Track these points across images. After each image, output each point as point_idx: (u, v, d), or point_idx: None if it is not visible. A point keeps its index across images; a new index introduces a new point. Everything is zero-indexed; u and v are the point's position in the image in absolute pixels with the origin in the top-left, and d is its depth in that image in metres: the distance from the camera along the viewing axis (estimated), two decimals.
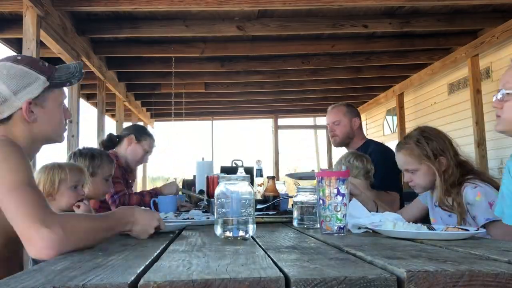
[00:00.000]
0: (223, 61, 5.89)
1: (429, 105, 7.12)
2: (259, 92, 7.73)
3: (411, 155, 1.99)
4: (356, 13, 4.61)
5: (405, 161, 2.02)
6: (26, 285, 0.72)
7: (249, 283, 0.71)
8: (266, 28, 4.65)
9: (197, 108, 8.89)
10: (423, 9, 4.57)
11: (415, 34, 5.28)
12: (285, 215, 2.06)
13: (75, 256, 1.01)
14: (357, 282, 0.72)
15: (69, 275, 0.78)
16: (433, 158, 1.94)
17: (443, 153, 1.95)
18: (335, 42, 5.31)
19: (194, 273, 0.77)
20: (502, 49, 5.24)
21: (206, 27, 4.66)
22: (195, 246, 1.18)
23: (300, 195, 1.68)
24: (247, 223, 1.27)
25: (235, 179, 1.29)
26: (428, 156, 1.95)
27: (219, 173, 3.07)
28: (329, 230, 1.39)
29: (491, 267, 0.78)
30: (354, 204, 1.58)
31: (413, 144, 1.99)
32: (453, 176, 1.91)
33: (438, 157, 1.95)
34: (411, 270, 0.74)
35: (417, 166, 1.98)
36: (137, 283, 0.71)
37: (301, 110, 9.82)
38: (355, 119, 3.06)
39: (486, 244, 1.15)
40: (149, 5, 3.84)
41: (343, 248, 1.08)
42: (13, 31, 4.41)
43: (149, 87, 7.25)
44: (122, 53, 5.49)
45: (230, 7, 3.94)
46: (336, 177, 1.39)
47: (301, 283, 0.71)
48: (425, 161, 1.96)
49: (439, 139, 2.00)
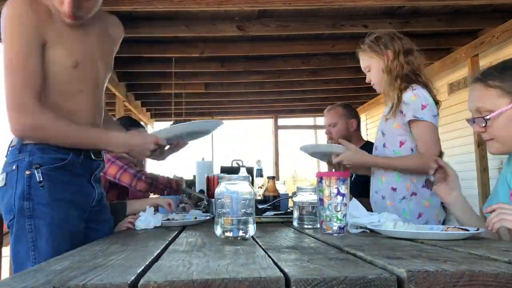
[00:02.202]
0: (223, 61, 5.88)
1: None
2: (259, 92, 7.73)
3: (364, 53, 2.17)
4: (356, 13, 4.61)
5: (361, 61, 2.21)
6: (26, 285, 0.72)
7: (249, 283, 0.71)
8: (266, 28, 4.65)
9: (197, 108, 8.88)
10: (423, 9, 4.57)
11: (415, 34, 5.26)
12: (285, 215, 2.07)
13: (75, 256, 1.01)
14: (357, 282, 0.72)
15: (69, 275, 0.78)
16: (379, 52, 2.10)
17: (391, 47, 2.08)
18: (335, 42, 5.30)
19: (194, 273, 0.77)
20: (502, 49, 5.23)
21: (206, 27, 4.65)
22: (195, 246, 1.18)
23: (300, 195, 1.68)
24: (247, 223, 1.27)
25: (235, 179, 1.29)
26: (375, 50, 2.11)
27: (219, 173, 3.07)
28: (329, 230, 1.39)
29: (491, 267, 0.78)
30: (354, 204, 1.58)
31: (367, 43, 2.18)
32: (399, 68, 2.04)
33: (385, 50, 2.09)
34: (411, 270, 0.74)
35: (369, 63, 2.15)
36: (137, 283, 0.71)
37: (301, 110, 9.82)
38: (352, 121, 3.03)
39: (486, 244, 1.15)
40: (149, 5, 3.84)
41: (343, 248, 1.08)
42: None
43: (149, 87, 7.25)
44: (122, 53, 5.47)
45: (230, 7, 3.94)
46: (336, 177, 1.39)
47: (301, 283, 0.71)
48: (373, 57, 2.12)
49: (390, 37, 2.12)
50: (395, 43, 2.08)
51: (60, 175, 1.52)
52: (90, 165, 1.63)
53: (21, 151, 1.50)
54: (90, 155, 1.62)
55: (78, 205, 1.58)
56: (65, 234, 1.50)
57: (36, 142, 1.49)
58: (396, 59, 2.06)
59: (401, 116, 2.02)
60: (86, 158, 1.61)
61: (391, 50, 2.07)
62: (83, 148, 1.56)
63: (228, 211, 1.26)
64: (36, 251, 1.43)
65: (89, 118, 1.60)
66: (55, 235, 1.46)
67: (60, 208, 1.50)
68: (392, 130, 2.08)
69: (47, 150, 1.50)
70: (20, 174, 1.48)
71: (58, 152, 1.52)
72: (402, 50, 2.07)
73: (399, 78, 2.04)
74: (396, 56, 2.06)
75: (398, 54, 2.06)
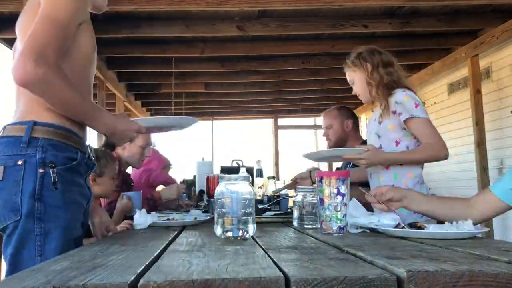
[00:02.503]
0: (223, 61, 5.88)
1: (429, 105, 7.12)
2: (259, 92, 7.73)
3: (348, 68, 2.34)
4: (356, 13, 4.61)
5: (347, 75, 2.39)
6: (26, 285, 0.71)
7: (249, 283, 0.71)
8: (266, 28, 4.65)
9: (197, 108, 8.88)
10: (423, 9, 4.57)
11: (415, 34, 5.27)
12: (285, 215, 2.07)
13: (75, 256, 1.01)
14: (357, 282, 0.72)
15: (69, 275, 0.78)
16: (360, 65, 2.26)
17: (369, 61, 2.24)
18: (335, 42, 5.30)
19: (194, 273, 0.77)
20: (502, 49, 5.23)
21: (206, 27, 4.65)
22: (195, 246, 1.18)
23: (300, 195, 1.68)
24: (247, 223, 1.27)
25: (235, 179, 1.29)
26: (355, 64, 2.28)
27: (219, 173, 3.07)
28: (329, 230, 1.39)
29: (491, 267, 0.78)
30: (354, 204, 1.58)
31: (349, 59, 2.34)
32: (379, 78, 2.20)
33: (365, 64, 2.25)
34: (411, 270, 0.74)
35: (352, 76, 2.33)
36: (137, 283, 0.71)
37: (301, 110, 9.81)
38: (347, 121, 3.07)
39: (486, 244, 1.15)
40: (149, 5, 3.84)
41: (343, 248, 1.08)
42: (13, 31, 4.36)
43: (149, 87, 7.25)
44: (122, 53, 5.49)
45: (230, 7, 3.94)
46: (336, 177, 1.39)
47: (301, 283, 0.71)
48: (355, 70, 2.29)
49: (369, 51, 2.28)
50: (374, 57, 2.25)
51: (70, 176, 1.45)
52: (88, 165, 1.59)
53: (30, 144, 1.38)
54: (89, 155, 1.60)
55: (81, 207, 1.53)
56: (72, 239, 1.43)
57: (48, 137, 1.40)
58: (375, 71, 2.22)
59: (395, 117, 2.13)
60: (88, 158, 1.58)
61: (369, 63, 2.24)
62: (73, 116, 1.48)
63: (228, 211, 1.26)
64: (42, 256, 1.34)
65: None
66: (64, 239, 1.38)
67: (71, 211, 1.43)
68: (387, 131, 2.18)
69: (60, 146, 1.42)
70: (29, 171, 1.36)
71: (69, 151, 1.45)
72: (381, 62, 2.24)
73: (381, 87, 2.20)
74: (375, 68, 2.23)
75: (377, 66, 2.23)
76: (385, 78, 2.20)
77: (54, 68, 1.33)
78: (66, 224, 1.40)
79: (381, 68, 2.22)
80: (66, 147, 1.45)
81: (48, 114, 1.43)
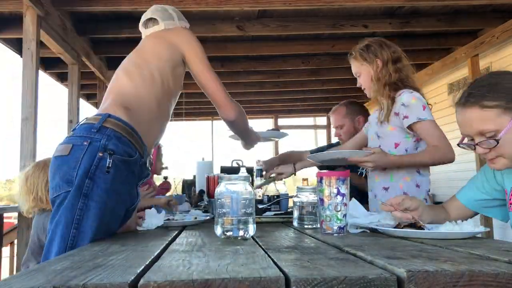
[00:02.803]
0: (223, 61, 5.88)
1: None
2: (259, 92, 7.73)
3: (355, 60, 2.25)
4: (356, 13, 4.61)
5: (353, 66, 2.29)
6: (26, 285, 0.71)
7: (249, 283, 0.71)
8: (266, 28, 4.65)
9: (197, 108, 8.88)
10: (423, 9, 4.57)
11: (415, 34, 5.28)
12: (285, 215, 2.07)
13: (75, 256, 1.01)
14: (357, 282, 0.72)
15: (69, 275, 0.78)
16: (368, 60, 2.17)
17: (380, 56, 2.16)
18: (335, 42, 5.30)
19: (194, 273, 0.77)
20: (502, 49, 5.24)
21: (206, 27, 4.65)
22: (195, 246, 1.18)
23: (300, 195, 1.68)
24: (247, 223, 1.27)
25: (235, 179, 1.29)
26: (364, 58, 2.18)
27: (219, 173, 3.07)
28: (329, 230, 1.39)
29: (491, 267, 0.78)
30: (353, 204, 1.58)
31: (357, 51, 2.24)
32: (387, 76, 2.11)
33: (374, 59, 2.16)
34: (411, 270, 0.74)
35: (359, 69, 2.24)
36: (137, 283, 0.71)
37: (301, 110, 9.82)
38: (358, 118, 2.94)
39: (486, 244, 1.15)
40: (149, 5, 3.79)
41: (343, 248, 1.08)
42: (13, 31, 4.41)
43: None
44: (122, 53, 5.42)
45: (230, 7, 3.94)
46: (336, 177, 1.39)
47: (301, 283, 0.71)
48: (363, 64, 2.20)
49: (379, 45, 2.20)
50: (384, 52, 2.15)
51: (124, 169, 1.54)
52: (143, 171, 1.67)
53: (99, 131, 1.52)
54: (146, 162, 1.68)
55: (124, 204, 1.60)
56: (107, 225, 1.50)
57: (115, 129, 1.53)
58: (384, 67, 2.13)
59: (397, 118, 2.07)
60: (144, 163, 1.65)
61: (380, 59, 2.15)
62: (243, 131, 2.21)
63: (228, 211, 1.26)
64: (78, 230, 1.43)
65: None
66: (100, 221, 1.46)
67: (114, 198, 1.51)
68: (387, 133, 2.14)
69: (123, 140, 1.54)
70: (90, 152, 1.48)
71: (129, 147, 1.56)
72: (391, 59, 2.14)
73: (387, 86, 2.12)
74: (385, 65, 2.13)
75: (387, 62, 2.14)
76: (393, 76, 2.11)
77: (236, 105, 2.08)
78: (107, 207, 1.48)
79: (391, 64, 2.13)
80: (128, 143, 1.56)
81: (122, 112, 1.59)
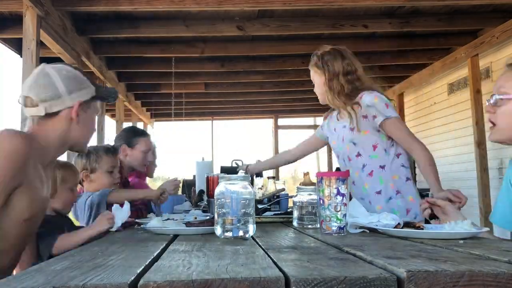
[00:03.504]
0: (223, 61, 5.88)
1: (429, 105, 7.12)
2: (259, 92, 7.73)
3: (310, 67, 2.26)
4: (356, 13, 4.61)
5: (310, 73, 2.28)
6: (26, 285, 0.71)
7: (249, 283, 0.71)
8: (266, 28, 4.65)
9: (197, 108, 8.88)
10: (423, 9, 4.57)
11: (415, 34, 5.28)
12: (285, 215, 2.07)
13: (75, 256, 1.01)
14: (357, 282, 0.72)
15: (69, 275, 0.78)
16: (320, 69, 2.19)
17: (331, 67, 2.17)
18: (335, 42, 5.24)
19: (194, 273, 0.77)
20: (502, 49, 5.23)
21: (206, 27, 4.65)
22: (195, 246, 1.18)
23: (300, 195, 1.68)
24: (247, 223, 1.27)
25: (235, 179, 1.29)
26: (318, 66, 2.20)
27: (219, 173, 3.07)
28: (329, 230, 1.39)
29: (491, 267, 0.78)
30: (353, 204, 1.58)
31: (312, 59, 2.25)
32: (338, 87, 2.13)
33: (324, 67, 2.18)
34: (411, 270, 0.74)
35: (313, 77, 2.25)
36: (137, 283, 0.71)
37: (301, 110, 9.81)
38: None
39: (486, 244, 1.15)
40: (149, 5, 3.84)
41: (343, 248, 1.08)
42: (13, 31, 4.41)
43: (149, 87, 7.25)
44: (122, 53, 5.49)
45: (230, 7, 3.94)
46: (336, 177, 1.39)
47: (301, 283, 0.71)
48: (317, 71, 2.21)
49: (332, 55, 2.19)
50: (336, 63, 2.17)
51: None
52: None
53: None
54: None
55: None
56: None
57: None
58: (335, 79, 2.15)
59: (366, 121, 2.09)
60: None
61: (329, 71, 2.17)
62: None
63: (228, 211, 1.26)
64: None
65: None
66: None
67: None
68: (362, 137, 2.14)
69: None
70: None
71: None
72: (342, 71, 2.15)
73: (342, 96, 2.14)
74: (335, 76, 2.15)
75: (338, 74, 2.15)
76: (346, 87, 2.14)
77: None
78: None
79: (342, 76, 2.15)
80: None
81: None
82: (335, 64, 2.17)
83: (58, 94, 1.52)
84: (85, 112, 1.60)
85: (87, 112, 1.61)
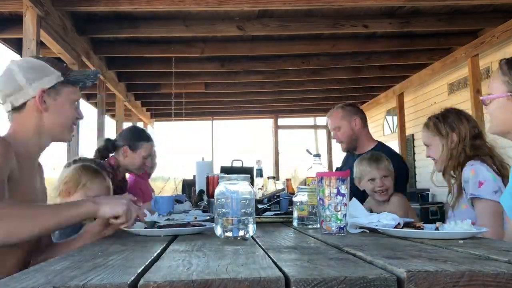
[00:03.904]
0: (223, 61, 5.89)
1: (429, 105, 7.12)
2: (259, 92, 7.73)
3: (427, 130, 2.14)
4: (356, 13, 4.61)
5: (423, 135, 2.19)
6: (26, 285, 0.71)
7: (249, 283, 0.71)
8: (266, 28, 4.65)
9: (197, 108, 8.89)
10: (423, 9, 4.57)
11: (415, 34, 5.28)
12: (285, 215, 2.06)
13: (75, 256, 1.01)
14: (357, 282, 0.72)
15: (69, 275, 0.78)
16: (444, 134, 2.06)
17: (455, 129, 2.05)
18: (335, 42, 5.30)
19: (194, 273, 0.77)
20: (502, 49, 5.24)
21: (206, 27, 4.66)
22: (195, 246, 1.18)
23: (300, 195, 1.68)
24: (247, 223, 1.26)
25: (235, 179, 1.29)
26: (439, 130, 2.07)
27: (219, 173, 3.07)
28: (329, 230, 1.39)
29: (491, 267, 0.78)
30: (353, 204, 1.58)
31: (431, 120, 2.14)
32: (460, 153, 2.00)
33: (449, 133, 2.05)
34: (411, 270, 0.74)
35: (431, 140, 2.12)
36: (137, 283, 0.71)
37: (301, 110, 9.83)
38: (355, 119, 2.89)
39: (486, 244, 1.15)
40: (149, 5, 3.84)
41: (343, 248, 1.08)
42: (13, 31, 4.41)
43: (149, 87, 7.25)
44: (122, 53, 5.49)
45: (230, 7, 3.94)
46: (336, 177, 1.39)
47: (301, 283, 0.71)
48: (437, 135, 2.09)
49: (456, 117, 2.08)
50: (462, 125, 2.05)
51: None
52: None
53: None
54: None
55: None
56: None
57: None
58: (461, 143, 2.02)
59: (464, 195, 1.97)
60: None
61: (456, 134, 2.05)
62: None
63: (228, 211, 1.26)
64: None
65: None
66: None
67: None
68: (462, 213, 1.94)
69: None
70: None
71: None
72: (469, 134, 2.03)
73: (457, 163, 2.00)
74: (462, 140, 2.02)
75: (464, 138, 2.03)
76: (468, 151, 1.98)
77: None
78: None
79: (468, 139, 2.00)
80: None
81: None
82: (461, 127, 2.04)
83: (19, 86, 1.52)
84: (54, 99, 1.57)
85: (57, 100, 1.57)
